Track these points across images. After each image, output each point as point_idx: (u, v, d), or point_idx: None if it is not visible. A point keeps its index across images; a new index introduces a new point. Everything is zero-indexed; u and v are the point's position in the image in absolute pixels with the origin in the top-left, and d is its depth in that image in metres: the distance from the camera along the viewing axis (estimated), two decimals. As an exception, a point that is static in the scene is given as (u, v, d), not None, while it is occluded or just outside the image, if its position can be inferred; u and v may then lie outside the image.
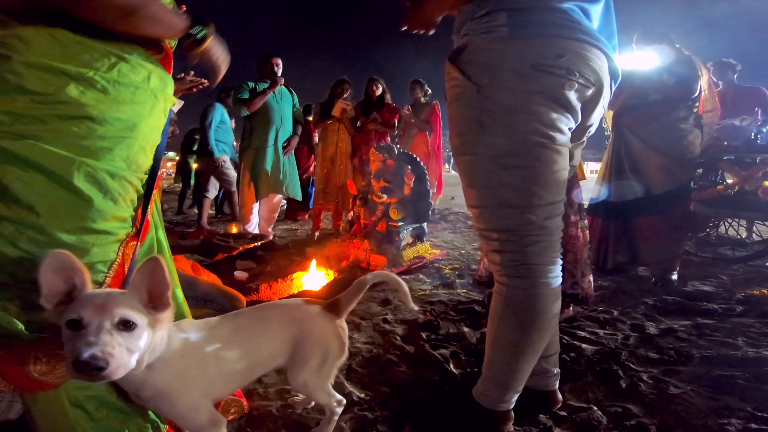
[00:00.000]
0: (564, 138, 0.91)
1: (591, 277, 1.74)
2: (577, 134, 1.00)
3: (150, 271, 0.68)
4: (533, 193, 0.90)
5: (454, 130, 0.97)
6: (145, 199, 0.86)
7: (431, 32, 1.13)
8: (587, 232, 1.75)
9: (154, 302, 0.69)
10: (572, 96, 0.88)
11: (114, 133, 0.78)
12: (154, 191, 0.89)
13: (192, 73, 1.54)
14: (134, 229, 0.84)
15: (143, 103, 0.83)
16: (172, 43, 0.92)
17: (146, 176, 0.86)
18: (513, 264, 0.94)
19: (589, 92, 0.91)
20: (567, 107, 0.89)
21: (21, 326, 0.70)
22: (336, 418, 1.00)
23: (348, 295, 0.99)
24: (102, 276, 0.78)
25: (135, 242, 0.85)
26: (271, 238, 3.15)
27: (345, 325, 0.99)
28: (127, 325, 0.63)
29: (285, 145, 3.05)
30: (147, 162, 0.86)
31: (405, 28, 1.12)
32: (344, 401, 1.01)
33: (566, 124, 0.90)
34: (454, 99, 0.96)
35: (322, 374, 0.93)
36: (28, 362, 0.70)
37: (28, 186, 0.70)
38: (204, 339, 0.81)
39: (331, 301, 0.99)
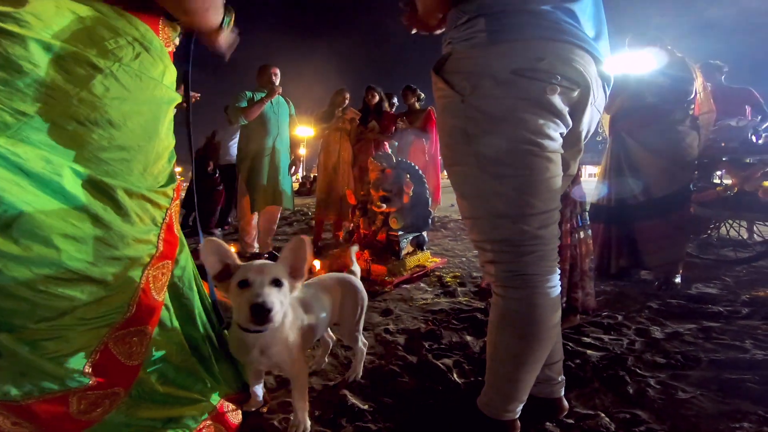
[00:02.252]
0: (554, 145, 0.88)
1: (591, 289, 1.71)
2: (571, 140, 0.96)
3: (296, 247, 0.91)
4: (525, 203, 0.87)
5: (443, 141, 0.96)
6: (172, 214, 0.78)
7: (436, 31, 1.11)
8: (590, 241, 1.69)
9: (294, 273, 0.92)
10: (557, 100, 0.85)
11: (133, 141, 0.67)
12: (176, 202, 0.81)
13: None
14: (159, 250, 0.74)
15: (160, 102, 0.73)
16: (175, 39, 0.85)
17: (166, 188, 0.76)
18: (508, 275, 0.92)
19: (575, 94, 0.88)
20: (553, 112, 0.85)
21: (75, 374, 0.63)
22: (364, 356, 1.33)
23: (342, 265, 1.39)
24: (125, 307, 0.68)
25: (163, 262, 0.76)
26: (270, 249, 3.13)
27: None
28: (278, 283, 0.87)
29: (291, 168, 3.07)
30: (165, 170, 0.77)
31: (413, 31, 1.13)
32: (367, 344, 1.36)
33: (555, 129, 0.87)
34: (441, 109, 0.95)
35: (360, 322, 1.30)
36: (68, 403, 0.65)
37: (41, 212, 0.56)
38: (299, 302, 1.06)
39: (351, 269, 1.37)
